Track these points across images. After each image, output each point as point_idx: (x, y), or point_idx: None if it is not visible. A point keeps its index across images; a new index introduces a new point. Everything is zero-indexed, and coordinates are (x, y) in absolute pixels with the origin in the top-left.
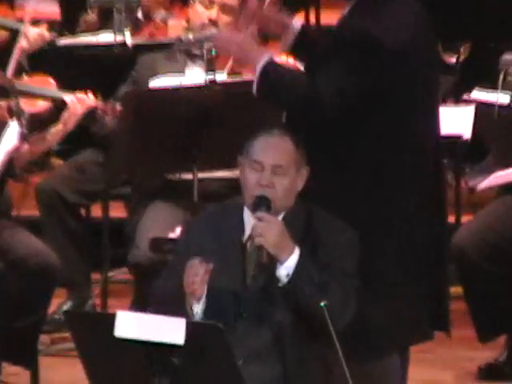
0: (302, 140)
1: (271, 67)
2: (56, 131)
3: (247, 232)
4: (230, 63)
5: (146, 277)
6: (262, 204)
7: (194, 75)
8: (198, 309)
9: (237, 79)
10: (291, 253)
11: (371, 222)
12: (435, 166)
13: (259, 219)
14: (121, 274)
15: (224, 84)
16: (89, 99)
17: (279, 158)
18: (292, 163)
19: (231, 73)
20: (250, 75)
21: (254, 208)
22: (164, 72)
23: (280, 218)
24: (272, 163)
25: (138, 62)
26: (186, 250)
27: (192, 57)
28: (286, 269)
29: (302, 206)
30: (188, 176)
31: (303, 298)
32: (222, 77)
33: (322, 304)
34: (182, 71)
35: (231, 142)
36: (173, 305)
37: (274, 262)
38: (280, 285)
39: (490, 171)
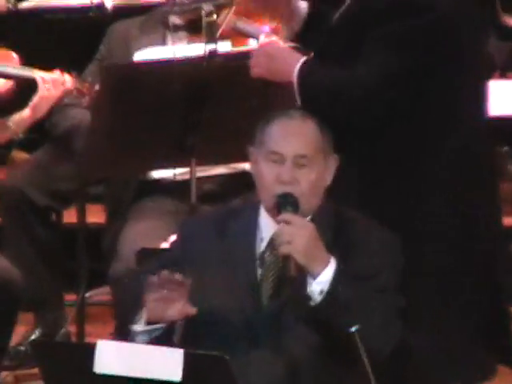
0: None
1: (307, 72)
2: (21, 119)
3: (265, 240)
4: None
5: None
6: (287, 203)
7: (178, 41)
8: (139, 328)
9: (244, 49)
10: (326, 264)
11: (408, 228)
12: (486, 156)
13: (286, 222)
14: (101, 294)
15: (228, 56)
16: (65, 80)
17: (302, 147)
18: (318, 152)
19: (237, 44)
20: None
21: (278, 209)
22: (139, 47)
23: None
24: (294, 153)
25: (107, 32)
26: (181, 261)
27: (173, 28)
28: (319, 284)
29: (329, 205)
30: (183, 172)
31: (338, 321)
32: (225, 47)
33: (353, 329)
34: (160, 41)
35: (237, 128)
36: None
37: (303, 275)
38: (312, 304)
39: None
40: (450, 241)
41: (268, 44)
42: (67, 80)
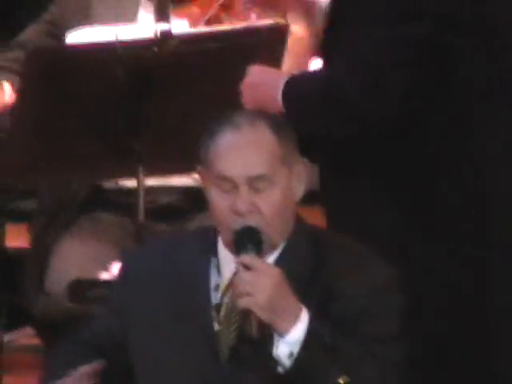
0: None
1: (291, 90)
2: None
3: (223, 284)
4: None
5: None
6: (247, 242)
7: (147, 24)
8: None
9: (204, 30)
10: (296, 319)
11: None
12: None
13: (246, 267)
14: (23, 337)
15: (184, 38)
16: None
17: (257, 165)
18: (278, 165)
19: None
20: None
21: (237, 249)
22: (101, 19)
23: (273, 258)
24: (248, 175)
25: None
26: (123, 301)
27: None
28: (288, 345)
29: (306, 231)
30: (128, 183)
31: None
32: (181, 27)
33: (342, 382)
34: (132, 17)
35: (196, 130)
36: None
37: (267, 334)
38: (280, 370)
39: None
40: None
41: (250, 74)
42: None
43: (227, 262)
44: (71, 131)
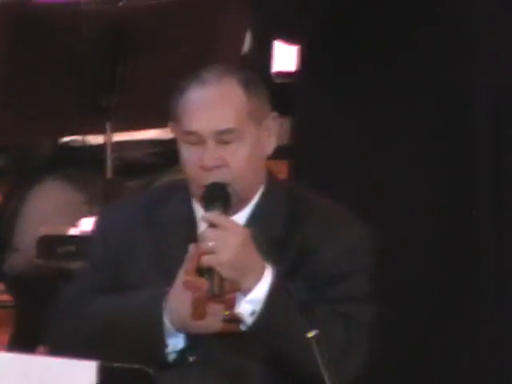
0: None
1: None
2: None
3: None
4: None
5: (31, 297)
6: (214, 198)
7: None
8: (176, 344)
9: None
10: (259, 278)
11: None
12: None
13: (211, 225)
14: None
15: None
16: None
17: (223, 119)
18: (246, 119)
19: None
20: None
21: (204, 205)
22: None
23: (246, 214)
24: (214, 129)
25: None
26: (106, 255)
27: None
28: (249, 303)
29: (281, 185)
30: (96, 139)
31: (278, 346)
32: None
33: (311, 335)
34: None
35: (163, 84)
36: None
37: (232, 292)
38: (242, 328)
39: None
40: None
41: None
42: None
43: (199, 218)
44: (39, 88)
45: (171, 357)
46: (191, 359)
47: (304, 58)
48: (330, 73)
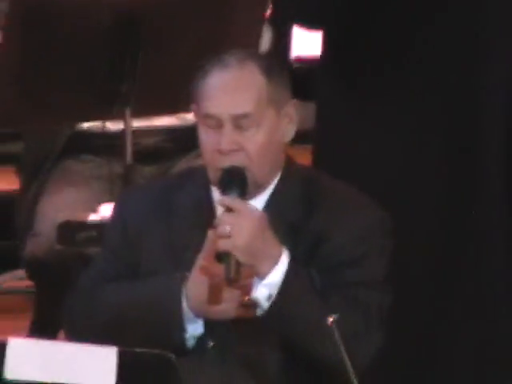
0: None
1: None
2: None
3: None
4: None
5: (52, 282)
6: (230, 182)
7: None
8: (195, 330)
9: None
10: (275, 262)
11: None
12: None
13: (227, 209)
14: (13, 279)
15: None
16: None
17: (241, 103)
18: (265, 105)
19: None
20: None
21: (221, 189)
22: None
23: (263, 199)
24: (232, 113)
25: None
26: (124, 240)
27: None
28: (266, 287)
29: (298, 171)
30: (113, 126)
31: (294, 330)
32: None
33: (330, 320)
34: None
35: (180, 70)
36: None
37: (248, 277)
38: (258, 312)
39: None
40: None
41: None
42: None
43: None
44: (57, 76)
45: (189, 343)
46: (209, 345)
47: (327, 45)
48: (351, 61)
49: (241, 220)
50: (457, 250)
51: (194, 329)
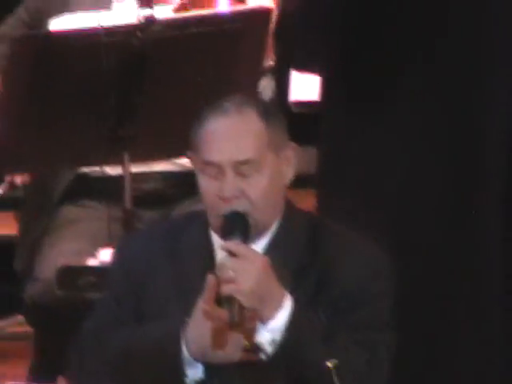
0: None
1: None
2: None
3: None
4: None
5: (51, 327)
6: (233, 228)
7: (125, 10)
8: (195, 374)
9: (189, 15)
10: (279, 307)
11: None
12: None
13: (231, 254)
14: (12, 325)
15: (168, 23)
16: None
17: (243, 150)
18: (265, 150)
19: (180, 9)
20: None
21: (223, 234)
22: (79, 6)
23: (263, 243)
24: (233, 161)
25: None
26: (127, 285)
27: None
28: (269, 332)
29: (298, 216)
30: (112, 170)
31: (298, 375)
32: (164, 12)
33: (331, 365)
34: (106, 5)
35: (181, 114)
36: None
37: (252, 322)
38: (262, 356)
39: None
40: None
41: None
42: None
43: (218, 247)
44: (57, 119)
45: None
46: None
47: (328, 88)
48: (354, 102)
49: (245, 265)
50: (457, 251)
51: (195, 373)
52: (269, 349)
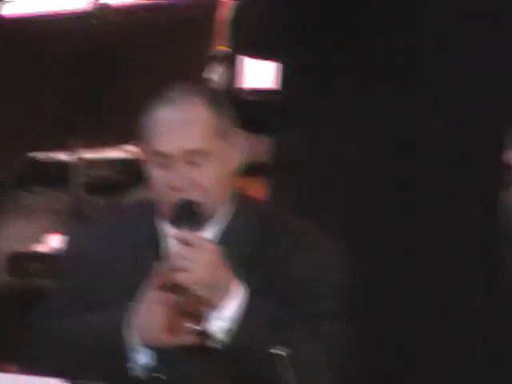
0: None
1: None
2: None
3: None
4: None
5: (1, 313)
6: (184, 216)
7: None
8: (145, 356)
9: (140, 2)
10: (230, 295)
11: None
12: None
13: (182, 242)
14: None
15: (122, 9)
16: None
17: (192, 139)
18: (215, 137)
19: None
20: None
21: (174, 223)
22: None
23: (213, 231)
24: (183, 150)
25: None
26: (77, 273)
27: None
28: (221, 320)
29: (254, 204)
30: (66, 157)
31: (248, 363)
32: None
33: (282, 354)
34: None
35: (133, 103)
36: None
37: (203, 309)
38: (214, 345)
39: None
40: None
41: None
42: None
43: (167, 236)
44: (8, 104)
45: (140, 374)
46: (162, 376)
47: (284, 76)
48: (311, 90)
49: (197, 253)
50: (406, 240)
51: (143, 359)
52: (220, 337)
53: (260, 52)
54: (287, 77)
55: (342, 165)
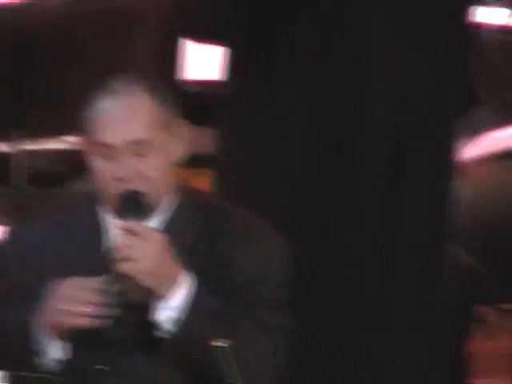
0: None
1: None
2: None
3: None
4: None
5: None
6: (129, 206)
7: None
8: (56, 350)
9: None
10: (177, 285)
11: None
12: None
13: (127, 232)
14: None
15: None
16: None
17: (136, 130)
18: (159, 128)
19: None
20: None
21: (119, 213)
22: None
23: (157, 221)
24: (126, 141)
25: None
26: (19, 267)
27: None
28: (166, 310)
29: (198, 194)
30: (8, 148)
31: (193, 354)
32: None
33: (226, 345)
34: None
35: (73, 94)
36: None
37: (148, 299)
38: (158, 335)
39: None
40: None
41: None
42: None
43: (111, 226)
44: None
45: (52, 367)
46: (104, 368)
47: (229, 68)
48: (257, 84)
49: (142, 243)
50: (342, 234)
51: (54, 352)
52: (166, 327)
53: (207, 35)
54: (232, 68)
55: (287, 156)
